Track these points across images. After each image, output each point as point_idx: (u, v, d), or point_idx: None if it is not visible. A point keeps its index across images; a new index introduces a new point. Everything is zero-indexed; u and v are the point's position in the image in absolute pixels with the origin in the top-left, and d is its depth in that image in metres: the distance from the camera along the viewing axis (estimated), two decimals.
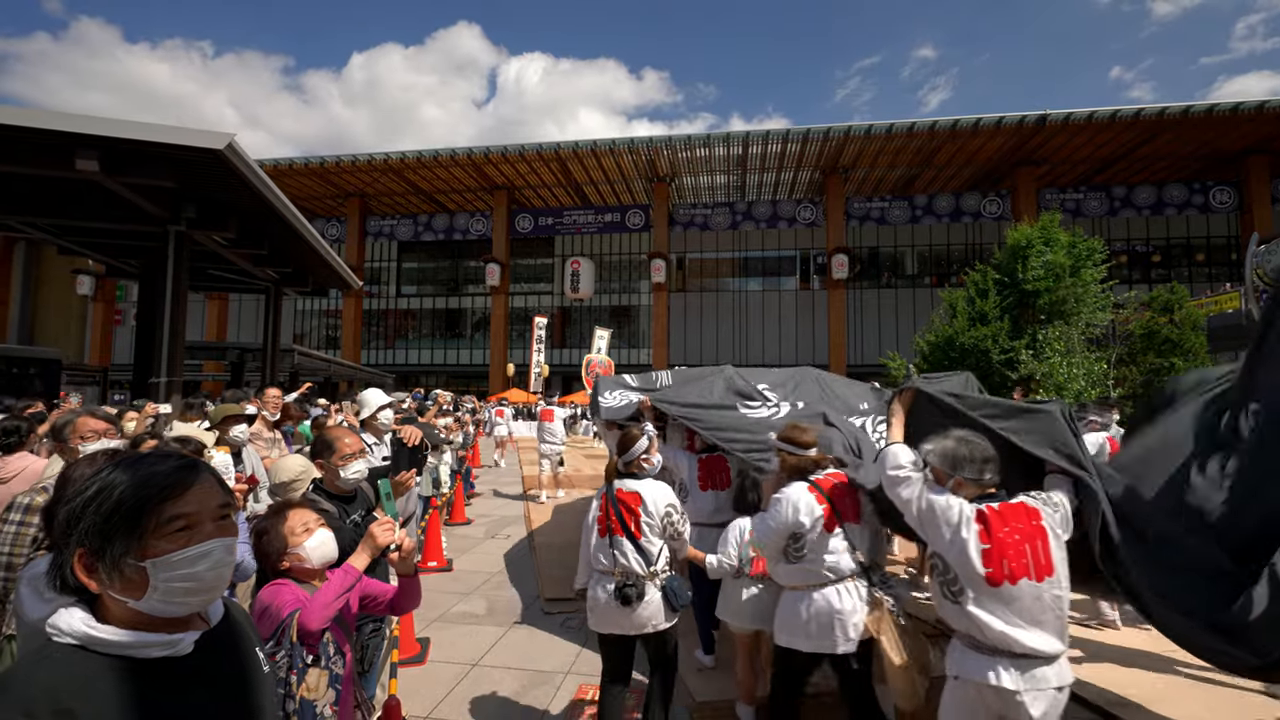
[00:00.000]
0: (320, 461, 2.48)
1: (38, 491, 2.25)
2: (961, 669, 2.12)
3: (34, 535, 2.16)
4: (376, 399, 4.04)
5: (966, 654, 2.11)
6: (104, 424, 2.73)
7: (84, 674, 0.84)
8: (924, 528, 2.23)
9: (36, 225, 9.89)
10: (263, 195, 8.50)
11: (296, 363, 18.83)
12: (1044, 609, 2.03)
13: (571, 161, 27.74)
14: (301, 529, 1.78)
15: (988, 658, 2.05)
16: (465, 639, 4.45)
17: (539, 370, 24.60)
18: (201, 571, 0.93)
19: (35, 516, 2.17)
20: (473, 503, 9.77)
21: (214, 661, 0.98)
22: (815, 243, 31.33)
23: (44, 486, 2.29)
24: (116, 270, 13.08)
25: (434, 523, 6.29)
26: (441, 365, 33.93)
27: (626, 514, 2.85)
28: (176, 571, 0.91)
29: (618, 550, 2.81)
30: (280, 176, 27.72)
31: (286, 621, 1.54)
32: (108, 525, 0.88)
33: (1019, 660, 2.01)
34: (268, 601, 1.62)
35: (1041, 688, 1.99)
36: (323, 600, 1.60)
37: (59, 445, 2.66)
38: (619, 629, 2.84)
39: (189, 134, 7.19)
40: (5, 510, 2.22)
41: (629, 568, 2.78)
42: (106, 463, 0.95)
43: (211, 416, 4.03)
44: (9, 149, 7.17)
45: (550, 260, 33.63)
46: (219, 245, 10.23)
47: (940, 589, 2.19)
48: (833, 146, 26.04)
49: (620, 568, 2.79)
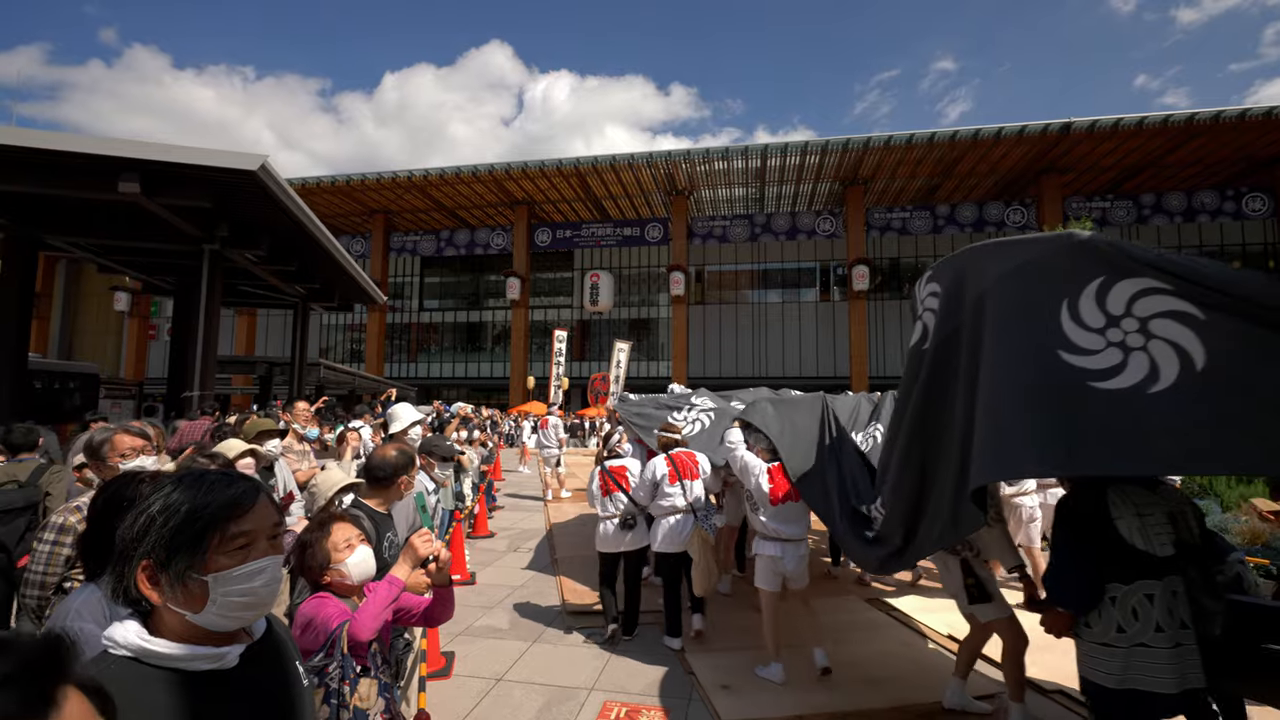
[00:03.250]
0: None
1: (71, 511, 2.25)
2: (759, 549, 4.11)
3: (67, 555, 2.17)
4: (407, 415, 4.11)
5: (761, 541, 4.11)
6: (141, 440, 2.69)
7: (137, 684, 0.89)
8: (742, 474, 4.18)
9: (80, 245, 10.29)
10: (293, 214, 8.74)
11: (322, 376, 19.19)
12: (796, 516, 4.03)
13: (591, 176, 28.02)
14: (344, 544, 1.82)
15: (770, 542, 4.04)
16: (489, 653, 4.47)
17: (559, 383, 24.74)
18: (257, 587, 0.99)
19: (69, 537, 2.18)
20: (495, 516, 9.83)
21: (257, 674, 1.03)
22: (835, 254, 31.16)
23: (78, 506, 2.26)
24: (153, 287, 13.52)
25: (457, 536, 6.35)
26: (463, 378, 34.28)
27: (620, 479, 4.75)
28: (235, 586, 0.97)
29: (615, 502, 4.70)
30: (308, 195, 28.45)
31: (336, 633, 1.58)
32: (174, 540, 0.93)
33: (783, 543, 4.00)
34: (311, 615, 1.66)
35: (794, 554, 4.00)
36: (372, 611, 1.64)
37: (97, 464, 2.60)
38: (615, 549, 4.70)
39: (224, 156, 7.45)
40: (41, 530, 2.24)
41: (629, 509, 4.66)
42: (170, 481, 1.00)
43: (245, 431, 4.14)
44: (57, 173, 7.50)
45: (570, 274, 33.90)
46: (250, 262, 10.52)
47: (749, 507, 4.22)
48: (852, 158, 25.94)
49: (623, 510, 4.66)
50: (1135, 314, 2.07)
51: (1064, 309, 2.18)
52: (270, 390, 17.44)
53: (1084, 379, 2.09)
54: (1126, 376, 2.05)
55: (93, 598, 1.57)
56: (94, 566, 1.64)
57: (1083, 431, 2.06)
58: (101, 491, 1.80)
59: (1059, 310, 2.19)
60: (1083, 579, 2.40)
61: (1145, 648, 2.27)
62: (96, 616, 1.54)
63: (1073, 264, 2.21)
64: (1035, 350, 2.20)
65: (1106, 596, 2.35)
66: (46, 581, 2.17)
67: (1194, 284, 1.99)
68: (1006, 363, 2.27)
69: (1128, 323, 2.08)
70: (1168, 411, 1.96)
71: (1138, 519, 2.37)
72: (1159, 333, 2.02)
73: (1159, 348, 2.02)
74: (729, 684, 3.94)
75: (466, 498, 7.80)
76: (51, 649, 0.62)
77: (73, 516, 2.23)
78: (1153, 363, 2.02)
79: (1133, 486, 2.45)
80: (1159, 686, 2.24)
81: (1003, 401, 2.24)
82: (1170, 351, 2.00)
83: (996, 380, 2.30)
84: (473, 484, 8.37)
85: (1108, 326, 2.10)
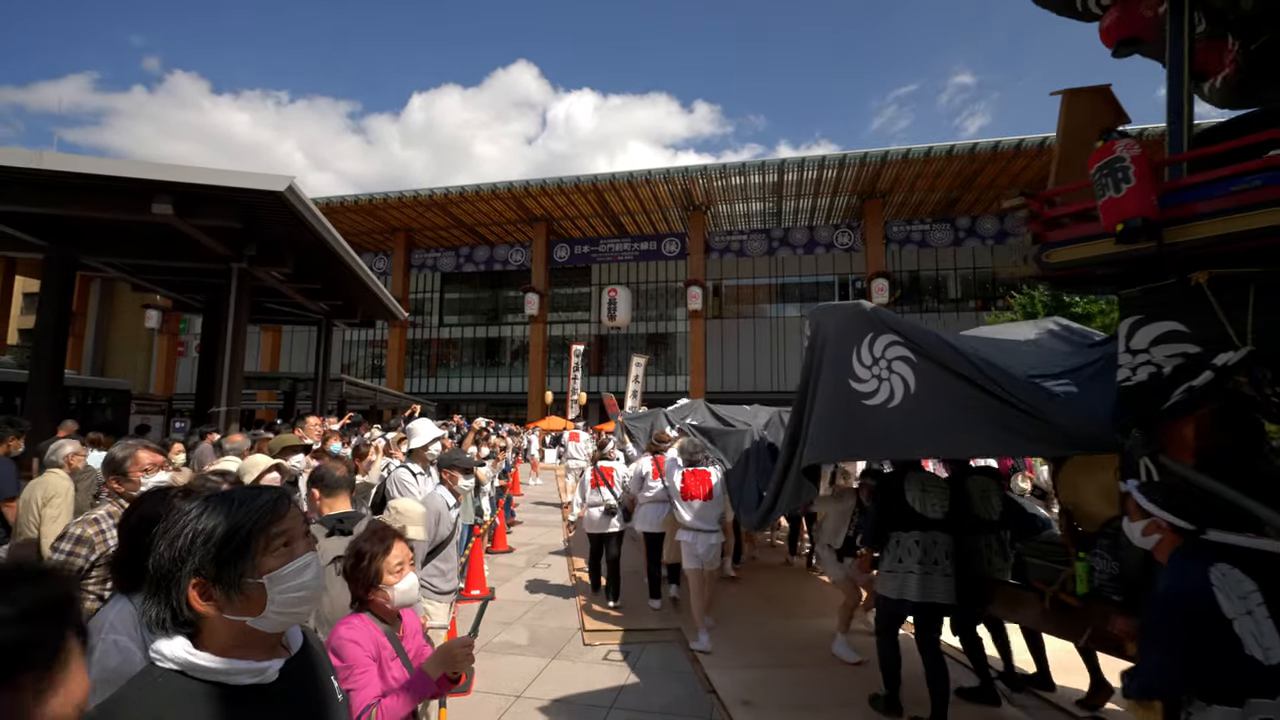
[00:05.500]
0: None
1: (89, 523, 2.27)
2: (680, 536, 5.20)
3: (80, 565, 2.18)
4: (428, 432, 4.15)
5: (682, 531, 5.15)
6: (160, 456, 2.69)
7: (182, 697, 0.92)
8: (667, 475, 5.46)
9: (114, 265, 10.63)
10: (318, 233, 8.95)
11: (344, 391, 19.47)
12: (704, 511, 5.10)
13: (608, 192, 28.28)
14: (397, 567, 1.84)
15: (688, 531, 5.09)
16: (508, 669, 4.46)
17: (576, 397, 24.78)
18: (308, 580, 1.05)
19: (84, 549, 2.20)
20: (514, 531, 9.83)
21: (295, 689, 1.06)
22: (854, 268, 30.95)
23: (96, 519, 2.29)
24: (182, 305, 13.89)
25: (476, 550, 6.37)
26: (481, 393, 34.52)
27: (608, 476, 6.23)
28: (289, 583, 1.02)
29: (601, 495, 6.13)
30: (333, 214, 29.06)
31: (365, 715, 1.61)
32: (221, 552, 0.98)
33: (695, 532, 5.04)
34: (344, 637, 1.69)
35: (706, 543, 5.01)
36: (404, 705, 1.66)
37: (119, 478, 2.55)
38: (600, 530, 6.12)
39: (253, 178, 7.67)
40: (58, 539, 2.25)
41: (610, 501, 6.09)
42: (199, 501, 1.04)
43: (271, 447, 4.22)
44: (96, 196, 7.78)
45: (588, 289, 34.10)
46: (277, 280, 10.77)
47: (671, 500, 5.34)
48: (870, 171, 25.86)
49: (604, 500, 6.11)
50: (886, 357, 3.18)
51: (853, 352, 3.32)
52: (294, 405, 17.73)
53: (859, 398, 3.24)
54: (879, 396, 3.17)
55: (126, 610, 1.60)
56: (126, 580, 1.66)
57: (852, 431, 3.30)
58: (134, 509, 1.81)
59: (850, 353, 3.33)
60: (875, 526, 3.88)
61: (910, 573, 3.64)
62: (129, 630, 1.56)
63: (860, 323, 3.33)
64: (837, 379, 3.37)
65: (892, 539, 3.76)
66: None
67: (912, 340, 3.09)
68: (826, 385, 3.48)
69: (882, 362, 3.19)
70: (897, 419, 3.08)
71: (921, 493, 3.77)
72: (896, 369, 3.13)
73: (895, 379, 3.13)
74: (750, 700, 3.88)
75: (485, 512, 7.83)
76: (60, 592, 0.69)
77: (90, 529, 2.26)
78: (891, 388, 3.13)
79: (925, 473, 3.96)
80: (911, 595, 3.62)
81: (821, 411, 3.52)
82: (900, 381, 3.10)
83: (820, 397, 3.54)
84: (491, 498, 8.40)
85: (873, 364, 3.23)
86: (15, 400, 12.02)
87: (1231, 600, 1.74)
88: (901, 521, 3.72)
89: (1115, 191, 2.16)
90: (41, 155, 7.20)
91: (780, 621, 5.51)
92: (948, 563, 3.65)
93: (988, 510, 3.91)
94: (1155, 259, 2.22)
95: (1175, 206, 2.15)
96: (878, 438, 3.18)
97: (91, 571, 2.19)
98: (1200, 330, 2.17)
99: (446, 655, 1.71)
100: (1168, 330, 2.26)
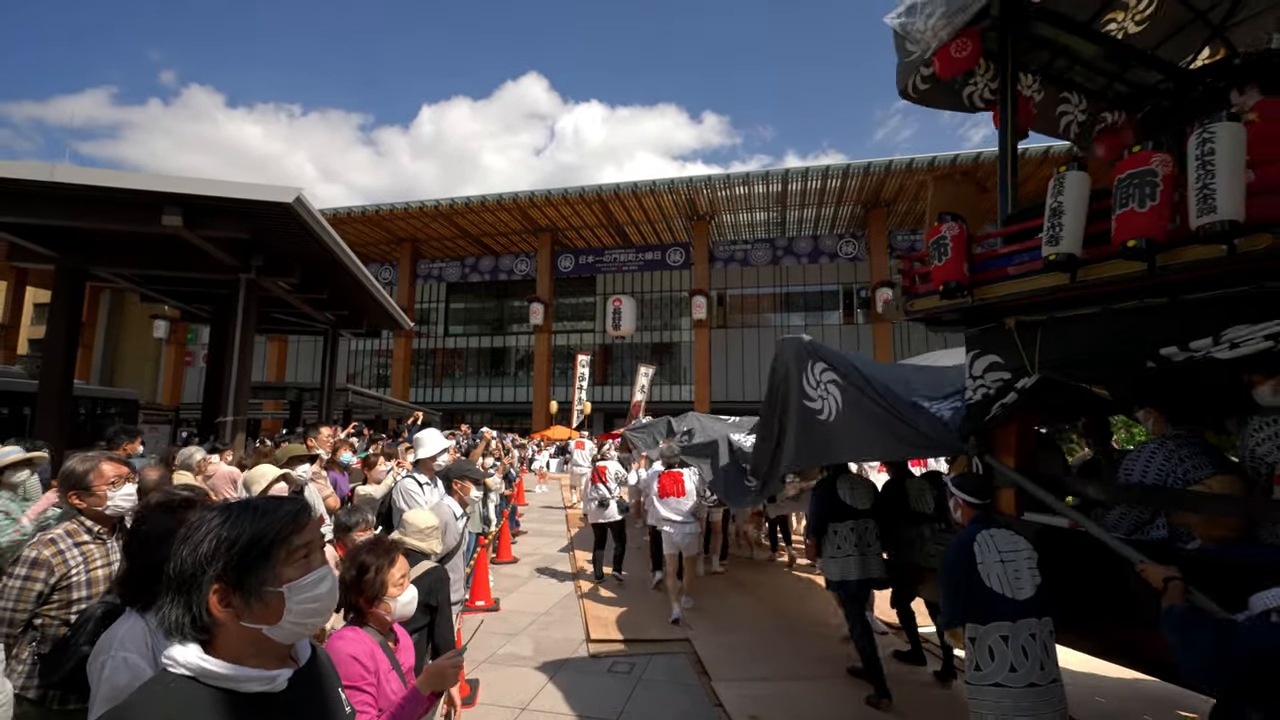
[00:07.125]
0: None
1: (45, 545, 2.13)
2: (663, 527, 6.15)
3: (39, 591, 2.06)
4: (435, 443, 4.14)
5: (660, 523, 6.19)
6: (125, 468, 2.44)
7: (194, 701, 0.94)
8: (646, 483, 6.65)
9: (124, 276, 10.71)
10: (325, 243, 9.01)
11: (350, 401, 19.53)
12: (678, 507, 6.14)
13: (613, 202, 28.40)
14: (400, 579, 1.85)
15: (665, 524, 6.11)
16: (513, 681, 4.43)
17: (581, 407, 24.76)
18: (323, 592, 1.07)
19: (43, 572, 2.07)
20: (519, 541, 9.80)
21: (301, 699, 1.07)
22: (859, 277, 30.93)
23: (52, 539, 2.15)
24: (190, 315, 13.97)
25: (482, 561, 6.34)
26: (486, 403, 34.54)
27: (603, 474, 7.44)
28: (306, 594, 1.04)
29: (598, 490, 7.33)
30: (340, 224, 29.29)
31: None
32: (244, 559, 0.99)
33: (673, 523, 6.08)
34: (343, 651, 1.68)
35: (682, 532, 6.06)
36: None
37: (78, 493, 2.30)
38: (601, 520, 7.35)
39: (261, 189, 7.74)
40: (11, 565, 2.11)
41: (604, 494, 7.29)
42: (220, 511, 1.05)
43: (278, 456, 4.22)
44: (107, 208, 7.86)
45: (592, 298, 34.17)
46: (284, 291, 10.83)
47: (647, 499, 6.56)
48: (874, 181, 25.89)
49: (600, 494, 7.30)
50: (824, 380, 3.82)
51: (803, 376, 3.99)
52: (300, 415, 17.78)
53: (812, 415, 3.90)
54: (824, 413, 3.81)
55: (136, 627, 1.58)
56: (134, 595, 1.65)
57: (813, 441, 3.95)
58: (141, 523, 1.78)
59: (801, 376, 4.00)
60: (816, 519, 4.61)
61: (849, 557, 4.41)
62: (139, 647, 1.54)
63: (804, 353, 4.01)
64: (797, 400, 4.04)
65: (830, 529, 4.53)
66: (15, 619, 2.03)
67: (837, 367, 3.72)
68: (794, 404, 4.10)
69: (821, 385, 3.83)
70: (836, 430, 3.72)
71: (850, 489, 4.62)
72: (830, 391, 3.76)
73: (830, 399, 3.75)
74: (757, 715, 3.84)
75: (491, 521, 7.81)
76: None
77: (46, 550, 2.11)
78: (829, 406, 3.76)
79: (852, 474, 4.83)
80: (853, 575, 4.37)
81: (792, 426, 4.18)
82: (834, 400, 3.73)
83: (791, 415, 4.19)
84: (496, 508, 8.38)
85: (816, 386, 3.87)
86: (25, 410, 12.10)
87: (987, 552, 2.58)
88: (836, 513, 4.53)
89: (939, 260, 2.86)
90: (54, 168, 7.29)
91: (783, 631, 5.47)
92: (878, 544, 4.52)
93: (923, 505, 4.58)
94: (980, 308, 2.83)
95: (987, 271, 2.79)
96: (825, 446, 3.89)
97: (53, 596, 2.08)
98: (1011, 361, 2.84)
99: (437, 673, 1.68)
100: (992, 361, 2.95)
